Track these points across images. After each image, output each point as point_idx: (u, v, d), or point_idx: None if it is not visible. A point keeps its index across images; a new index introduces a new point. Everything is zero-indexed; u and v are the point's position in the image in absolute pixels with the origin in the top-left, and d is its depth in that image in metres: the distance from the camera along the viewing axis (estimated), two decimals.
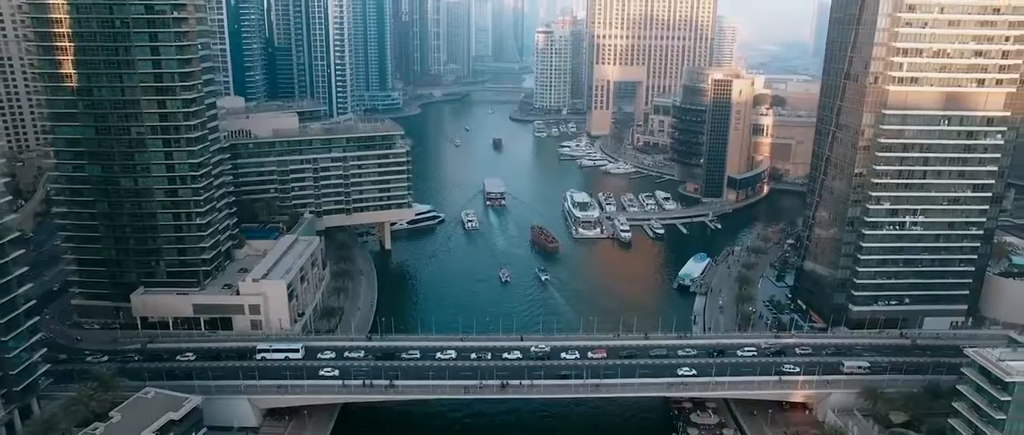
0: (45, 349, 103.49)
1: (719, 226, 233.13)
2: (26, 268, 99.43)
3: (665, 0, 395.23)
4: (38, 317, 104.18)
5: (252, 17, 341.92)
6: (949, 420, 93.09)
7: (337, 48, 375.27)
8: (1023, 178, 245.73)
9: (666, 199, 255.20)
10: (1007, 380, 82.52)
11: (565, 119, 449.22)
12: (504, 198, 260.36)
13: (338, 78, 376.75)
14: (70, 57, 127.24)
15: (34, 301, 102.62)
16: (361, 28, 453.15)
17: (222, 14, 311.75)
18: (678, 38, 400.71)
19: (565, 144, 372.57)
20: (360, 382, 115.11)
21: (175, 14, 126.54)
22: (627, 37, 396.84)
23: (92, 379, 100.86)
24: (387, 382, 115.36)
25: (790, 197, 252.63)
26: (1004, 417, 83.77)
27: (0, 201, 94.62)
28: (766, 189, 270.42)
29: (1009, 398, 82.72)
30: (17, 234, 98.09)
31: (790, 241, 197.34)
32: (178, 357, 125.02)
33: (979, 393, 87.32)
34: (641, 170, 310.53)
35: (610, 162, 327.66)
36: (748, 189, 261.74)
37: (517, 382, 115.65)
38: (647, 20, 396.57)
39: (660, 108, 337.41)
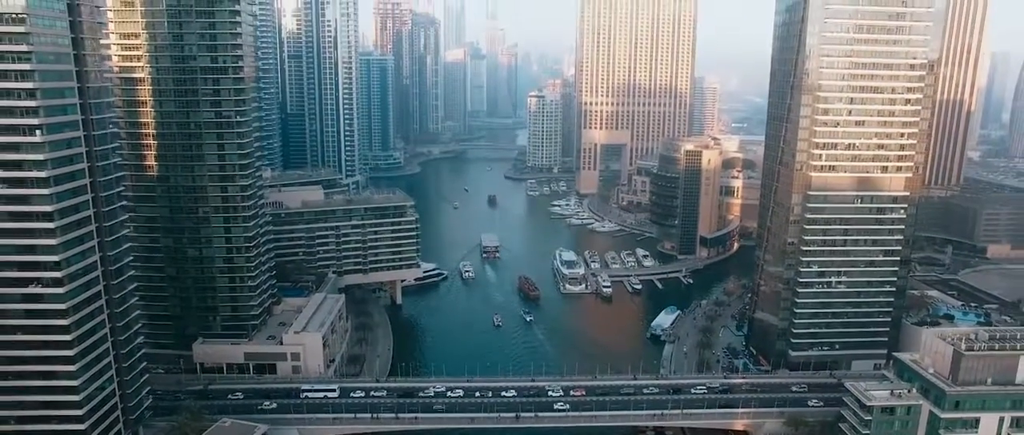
0: (150, 387, 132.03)
1: (691, 281, 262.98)
2: (141, 323, 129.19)
3: (647, 70, 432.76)
4: (146, 362, 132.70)
5: (271, 90, 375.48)
6: None
7: (346, 114, 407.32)
8: (959, 235, 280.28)
9: (645, 256, 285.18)
10: (868, 404, 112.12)
11: (556, 177, 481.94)
12: (499, 251, 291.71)
13: (347, 142, 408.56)
14: (153, 152, 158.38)
15: (144, 350, 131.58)
16: (365, 92, 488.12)
17: None
18: (659, 104, 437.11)
19: (556, 203, 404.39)
20: (390, 414, 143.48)
21: (239, 118, 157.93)
22: (612, 104, 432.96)
23: (185, 410, 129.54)
24: (413, 415, 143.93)
25: None
26: (869, 432, 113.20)
27: (127, 270, 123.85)
28: (736, 246, 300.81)
29: (871, 418, 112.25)
30: (137, 298, 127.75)
31: (750, 295, 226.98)
32: (235, 396, 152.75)
33: (854, 415, 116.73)
34: (624, 228, 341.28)
35: (596, 221, 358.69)
36: (719, 247, 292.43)
37: (530, 414, 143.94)
38: (630, 88, 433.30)
39: (643, 170, 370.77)
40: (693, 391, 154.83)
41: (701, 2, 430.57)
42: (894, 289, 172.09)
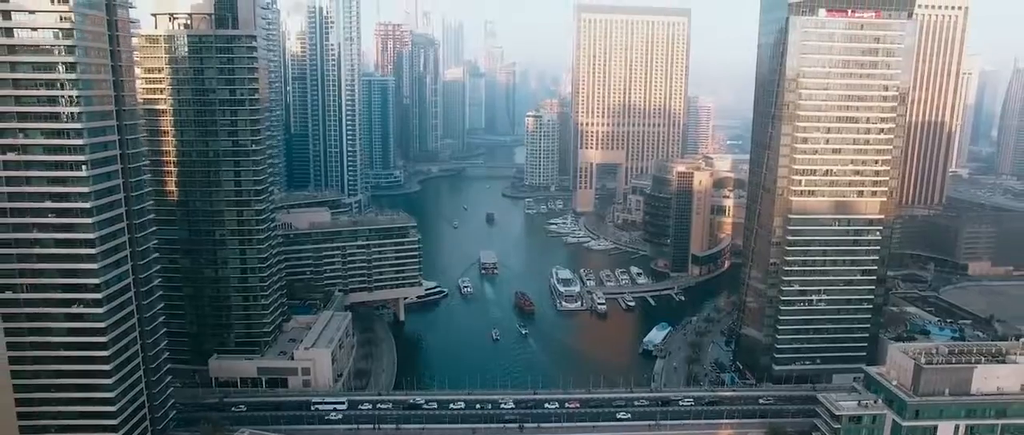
0: (173, 400, 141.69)
1: (683, 298, 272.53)
2: (167, 339, 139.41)
3: (641, 91, 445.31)
4: (170, 376, 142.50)
5: (276, 112, 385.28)
6: None
7: (349, 134, 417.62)
8: (942, 252, 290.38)
9: (639, 274, 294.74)
10: (837, 413, 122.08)
11: (553, 196, 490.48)
12: (497, 268, 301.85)
13: (349, 162, 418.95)
14: (174, 178, 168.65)
15: (169, 366, 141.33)
16: (367, 112, 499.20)
17: None
18: (654, 124, 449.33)
19: (553, 221, 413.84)
20: (392, 426, 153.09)
21: (254, 147, 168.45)
22: (608, 124, 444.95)
23: (207, 422, 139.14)
24: (419, 426, 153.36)
25: None
26: None
27: (156, 290, 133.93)
28: (727, 264, 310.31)
29: (840, 426, 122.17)
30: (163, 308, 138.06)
31: (737, 311, 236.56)
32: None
33: (825, 425, 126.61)
34: (619, 247, 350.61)
35: (592, 239, 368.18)
36: (710, 264, 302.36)
37: (534, 425, 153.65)
38: (626, 109, 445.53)
39: (637, 189, 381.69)
40: (681, 403, 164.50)
41: (696, 20, 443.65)
42: (871, 306, 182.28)
